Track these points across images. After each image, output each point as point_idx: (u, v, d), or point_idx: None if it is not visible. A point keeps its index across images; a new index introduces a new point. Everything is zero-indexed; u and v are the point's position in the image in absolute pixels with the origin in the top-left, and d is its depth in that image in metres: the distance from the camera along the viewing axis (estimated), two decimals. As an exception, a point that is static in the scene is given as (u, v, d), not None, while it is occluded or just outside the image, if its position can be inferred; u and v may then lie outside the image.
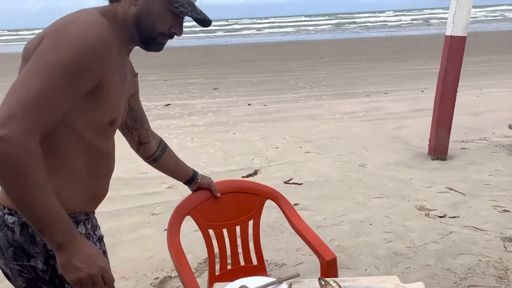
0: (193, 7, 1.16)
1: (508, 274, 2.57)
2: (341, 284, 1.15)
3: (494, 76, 9.77)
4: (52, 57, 0.96)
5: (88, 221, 1.25)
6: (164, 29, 1.17)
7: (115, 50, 1.08)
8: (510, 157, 4.62)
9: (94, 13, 1.08)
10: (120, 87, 1.16)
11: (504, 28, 26.40)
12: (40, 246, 1.09)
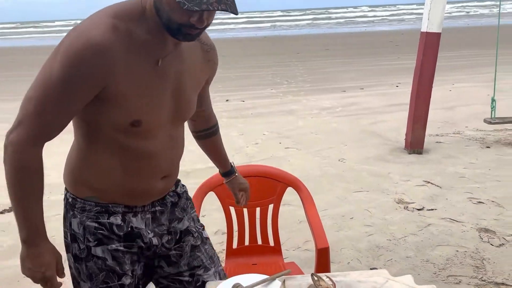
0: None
1: (484, 263, 2.66)
2: (333, 279, 1.17)
3: (466, 70, 10.03)
4: (50, 69, 1.02)
5: (132, 213, 1.27)
6: (183, 20, 1.03)
7: (118, 56, 1.04)
8: (483, 150, 4.76)
9: (100, 17, 1.06)
10: (139, 88, 1.11)
11: (474, 24, 27.11)
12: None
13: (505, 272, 2.55)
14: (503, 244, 2.86)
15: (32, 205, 1.12)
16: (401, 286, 1.21)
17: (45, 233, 1.16)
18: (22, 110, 1.05)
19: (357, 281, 1.23)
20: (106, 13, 1.07)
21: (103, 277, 1.26)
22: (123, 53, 1.05)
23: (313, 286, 1.15)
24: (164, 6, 1.04)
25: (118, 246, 1.26)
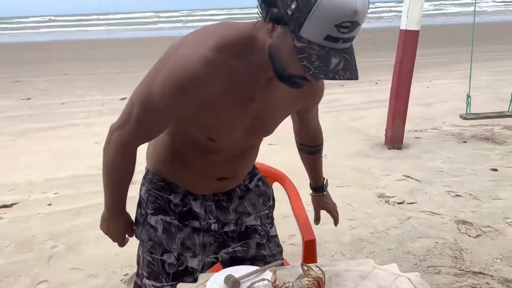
0: (325, 62, 0.93)
1: (462, 254, 2.75)
2: (322, 268, 1.21)
3: (443, 68, 10.25)
4: (151, 87, 1.09)
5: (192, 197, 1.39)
6: (297, 73, 1.01)
7: (214, 89, 1.08)
8: (460, 145, 4.90)
9: (204, 47, 1.05)
10: (224, 116, 1.17)
11: (450, 22, 27.66)
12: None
13: (482, 261, 2.65)
14: (480, 235, 2.97)
15: (120, 188, 1.35)
16: (386, 274, 1.26)
17: (124, 207, 1.42)
18: (126, 114, 1.17)
19: (345, 270, 1.27)
20: (209, 46, 1.06)
21: (149, 246, 1.41)
22: (219, 88, 1.09)
23: (303, 275, 1.19)
24: (283, 57, 1.01)
25: (171, 220, 1.38)
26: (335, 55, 0.94)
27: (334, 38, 0.92)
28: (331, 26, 0.90)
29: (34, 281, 2.60)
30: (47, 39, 24.04)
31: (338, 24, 0.90)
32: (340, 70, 0.95)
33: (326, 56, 0.93)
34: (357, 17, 0.90)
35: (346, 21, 0.90)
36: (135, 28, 31.70)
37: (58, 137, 5.70)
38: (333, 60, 0.94)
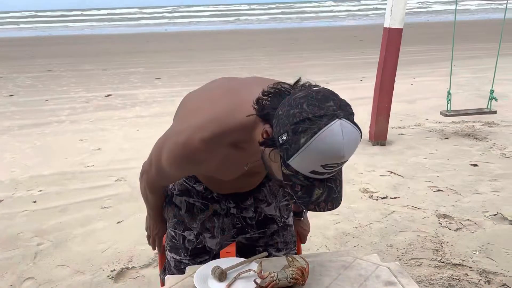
0: (308, 193, 0.97)
1: (443, 246, 2.83)
2: (306, 259, 1.25)
3: (426, 65, 10.40)
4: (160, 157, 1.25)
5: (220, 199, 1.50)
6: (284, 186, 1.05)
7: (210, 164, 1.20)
8: (442, 141, 5.00)
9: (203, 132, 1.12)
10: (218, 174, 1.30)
11: (433, 19, 28.01)
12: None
13: (462, 253, 2.73)
14: (460, 228, 3.05)
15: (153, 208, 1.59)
16: (367, 264, 1.31)
17: (159, 215, 1.62)
18: (149, 161, 1.35)
19: (328, 261, 1.31)
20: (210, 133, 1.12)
21: (174, 222, 1.53)
22: (214, 165, 1.21)
23: (287, 266, 1.23)
24: (272, 171, 1.07)
25: (194, 201, 1.49)
26: (319, 186, 0.98)
27: (320, 173, 0.96)
28: (318, 165, 0.94)
29: (20, 278, 2.59)
30: (29, 34, 23.65)
31: (324, 165, 0.94)
32: (321, 202, 0.98)
33: (310, 187, 0.97)
34: (343, 159, 0.94)
35: (333, 163, 0.94)
36: (119, 24, 31.38)
37: (42, 134, 5.66)
38: (316, 191, 0.98)
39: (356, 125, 0.98)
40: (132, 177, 4.13)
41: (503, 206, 3.34)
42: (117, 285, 2.51)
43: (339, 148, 0.92)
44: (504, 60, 9.38)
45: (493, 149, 4.66)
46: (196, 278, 1.26)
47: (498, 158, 4.38)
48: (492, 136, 5.08)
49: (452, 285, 2.43)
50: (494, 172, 4.04)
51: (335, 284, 1.23)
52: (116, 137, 5.47)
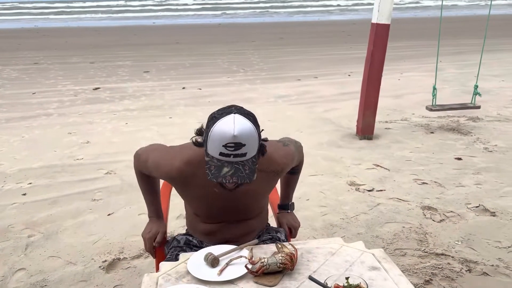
0: (218, 170, 1.31)
1: (427, 237, 2.92)
2: (294, 246, 1.31)
3: (413, 60, 10.52)
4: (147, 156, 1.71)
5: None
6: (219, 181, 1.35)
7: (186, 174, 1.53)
8: (427, 135, 5.10)
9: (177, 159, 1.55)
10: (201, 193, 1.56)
11: (420, 15, 28.23)
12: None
13: (445, 244, 2.82)
14: (443, 219, 3.14)
15: (146, 196, 1.81)
16: (353, 250, 1.37)
17: (155, 213, 1.80)
18: (137, 155, 1.78)
19: (316, 247, 1.37)
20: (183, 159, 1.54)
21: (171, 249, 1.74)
22: (190, 183, 1.54)
23: (277, 252, 1.29)
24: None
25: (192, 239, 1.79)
26: (228, 166, 1.32)
27: (226, 154, 1.31)
28: (220, 145, 1.30)
29: (11, 269, 2.62)
30: (14, 26, 23.29)
31: (224, 144, 1.30)
32: (228, 176, 1.31)
33: (220, 167, 1.32)
34: (237, 139, 1.29)
35: (230, 143, 1.29)
36: (106, 16, 31.06)
37: (30, 127, 5.63)
38: (224, 169, 1.31)
39: (251, 120, 1.34)
40: (121, 170, 4.15)
41: (485, 199, 3.44)
42: (108, 275, 2.55)
43: (230, 129, 1.29)
44: (489, 56, 9.55)
45: (477, 143, 4.77)
46: (189, 264, 1.31)
47: (482, 152, 4.49)
48: (476, 131, 5.20)
49: (435, 273, 2.52)
50: (477, 165, 4.14)
51: (322, 269, 1.29)
52: (105, 131, 5.47)
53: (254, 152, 1.34)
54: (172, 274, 1.28)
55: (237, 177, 1.30)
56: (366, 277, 1.25)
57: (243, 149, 1.30)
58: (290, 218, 1.89)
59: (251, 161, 1.33)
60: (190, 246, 1.71)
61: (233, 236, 1.61)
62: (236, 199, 1.55)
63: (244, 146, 1.30)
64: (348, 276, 1.18)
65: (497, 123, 5.51)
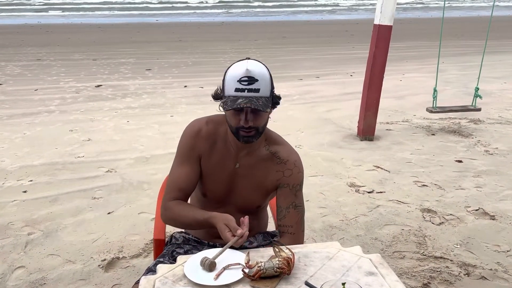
0: (234, 102, 1.40)
1: (426, 240, 2.92)
2: (292, 250, 1.31)
3: (415, 61, 10.51)
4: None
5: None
6: (236, 124, 1.48)
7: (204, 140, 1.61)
8: (428, 137, 5.10)
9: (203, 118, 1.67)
10: (214, 170, 1.61)
11: (423, 16, 28.17)
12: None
13: (443, 247, 2.82)
14: (443, 222, 3.14)
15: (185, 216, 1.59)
16: (350, 255, 1.37)
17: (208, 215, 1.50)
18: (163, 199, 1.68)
19: (313, 252, 1.38)
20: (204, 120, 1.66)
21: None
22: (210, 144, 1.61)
23: (274, 256, 1.29)
24: (226, 118, 1.53)
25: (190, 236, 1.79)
26: (242, 97, 1.41)
27: (240, 89, 1.41)
28: (235, 81, 1.42)
29: (11, 266, 2.63)
30: (17, 22, 23.32)
31: (238, 79, 1.41)
32: (242, 102, 1.40)
33: (235, 99, 1.42)
34: (250, 73, 1.40)
35: (243, 76, 1.41)
36: (110, 14, 31.06)
37: (32, 124, 5.64)
38: (239, 100, 1.41)
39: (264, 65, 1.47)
40: (122, 168, 4.16)
41: (484, 202, 3.44)
42: (107, 274, 2.56)
43: (243, 65, 1.41)
44: (491, 58, 9.53)
45: (478, 146, 4.77)
46: (186, 268, 1.31)
47: (482, 155, 4.49)
48: (477, 133, 5.19)
49: (433, 277, 2.52)
50: (477, 168, 4.14)
51: (319, 274, 1.29)
52: (106, 128, 5.48)
53: (267, 93, 1.44)
54: (169, 277, 1.28)
55: (252, 103, 1.39)
56: (363, 282, 1.25)
57: (256, 84, 1.40)
58: None
59: (264, 99, 1.43)
60: (188, 244, 1.72)
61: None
62: (241, 180, 1.61)
63: (257, 81, 1.41)
64: (344, 282, 1.19)
65: (498, 125, 5.50)
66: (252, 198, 1.64)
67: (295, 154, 1.64)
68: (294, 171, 1.60)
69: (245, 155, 1.60)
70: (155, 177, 3.90)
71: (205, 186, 1.65)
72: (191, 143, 1.61)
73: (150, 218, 3.18)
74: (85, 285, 2.46)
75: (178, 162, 1.64)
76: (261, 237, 1.75)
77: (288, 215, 1.58)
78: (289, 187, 1.59)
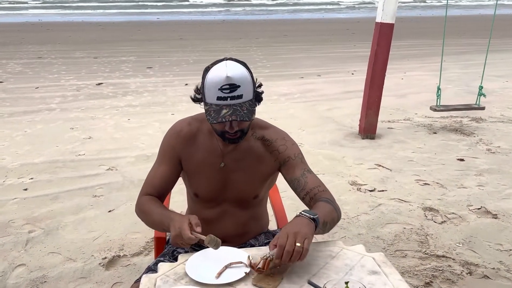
0: (217, 113, 1.36)
1: (428, 238, 2.90)
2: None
3: (417, 60, 10.48)
4: None
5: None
6: (220, 129, 1.45)
7: (185, 140, 1.58)
8: (430, 135, 5.08)
9: (187, 118, 1.64)
10: (201, 168, 1.58)
11: (425, 14, 28.11)
12: None
13: (446, 246, 2.81)
14: (445, 221, 3.13)
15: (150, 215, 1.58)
16: (353, 254, 1.36)
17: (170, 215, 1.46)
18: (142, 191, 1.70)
19: (316, 250, 1.37)
20: (188, 119, 1.63)
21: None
22: (189, 142, 1.59)
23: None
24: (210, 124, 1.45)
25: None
26: (226, 107, 1.37)
27: (222, 97, 1.36)
28: (216, 89, 1.36)
29: (11, 264, 2.62)
30: (18, 20, 23.31)
31: (219, 88, 1.36)
32: (227, 115, 1.35)
33: (219, 110, 1.37)
34: (231, 80, 1.35)
35: (224, 84, 1.35)
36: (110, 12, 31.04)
37: (33, 122, 5.63)
38: (223, 111, 1.36)
39: (243, 65, 1.41)
40: (123, 166, 4.15)
41: (487, 200, 3.43)
42: (108, 272, 2.55)
43: (222, 72, 1.35)
44: (493, 56, 9.50)
45: (480, 144, 4.75)
46: (188, 266, 1.30)
47: (484, 154, 4.47)
48: (479, 132, 5.17)
49: (435, 276, 2.51)
50: (479, 167, 4.13)
51: (322, 273, 1.28)
52: (107, 126, 5.47)
53: (250, 96, 1.40)
54: (171, 275, 1.27)
55: (236, 115, 1.35)
56: (366, 281, 1.24)
57: (238, 90, 1.36)
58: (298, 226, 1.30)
59: (248, 104, 1.39)
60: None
61: (229, 232, 1.60)
62: (232, 175, 1.57)
63: (239, 87, 1.36)
64: (347, 281, 1.18)
65: (500, 124, 5.48)
66: (247, 189, 1.62)
67: (282, 132, 1.64)
68: (287, 144, 1.60)
69: (233, 149, 1.57)
70: (156, 175, 3.88)
71: (195, 185, 1.64)
72: (171, 143, 1.60)
73: (151, 216, 3.17)
74: (86, 283, 2.45)
75: (158, 160, 1.64)
76: (263, 237, 1.74)
77: (308, 179, 1.55)
78: (291, 158, 1.58)
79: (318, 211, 1.36)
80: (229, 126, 1.42)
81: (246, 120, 1.37)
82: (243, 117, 1.36)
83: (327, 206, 1.44)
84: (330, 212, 1.44)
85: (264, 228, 1.80)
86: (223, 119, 1.34)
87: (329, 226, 1.41)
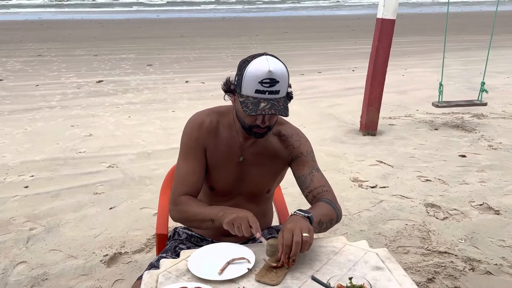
0: (256, 105, 1.35)
1: (430, 235, 2.89)
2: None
3: (418, 56, 10.46)
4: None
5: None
6: (251, 122, 1.44)
7: (207, 132, 1.56)
8: (431, 132, 5.07)
9: (205, 110, 1.62)
10: (220, 162, 1.57)
11: (426, 11, 28.04)
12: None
13: (448, 242, 2.80)
14: (447, 217, 3.12)
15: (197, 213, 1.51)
16: (356, 249, 1.35)
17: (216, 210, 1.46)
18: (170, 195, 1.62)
19: (318, 246, 1.35)
20: (208, 111, 1.61)
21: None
22: (214, 137, 1.57)
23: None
24: (239, 114, 1.47)
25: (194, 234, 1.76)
26: (264, 101, 1.37)
27: (261, 91, 1.36)
28: (256, 82, 1.36)
29: (13, 262, 2.61)
30: (18, 18, 23.27)
31: (260, 81, 1.35)
32: (266, 108, 1.35)
33: (257, 103, 1.37)
34: (272, 75, 1.35)
35: (265, 78, 1.35)
36: (111, 10, 30.97)
37: (33, 119, 5.62)
38: (261, 105, 1.36)
39: (282, 62, 1.41)
40: (124, 163, 4.14)
41: (489, 196, 3.42)
42: (109, 269, 2.54)
43: (264, 66, 1.35)
44: (494, 53, 9.47)
45: (481, 140, 4.73)
46: (190, 262, 1.29)
47: (486, 150, 4.46)
48: (480, 128, 5.16)
49: (437, 272, 2.50)
50: (481, 163, 4.11)
51: (325, 269, 1.27)
52: (108, 124, 5.45)
53: (285, 93, 1.41)
54: (173, 272, 1.26)
55: (275, 109, 1.35)
56: (370, 277, 1.23)
57: (277, 86, 1.36)
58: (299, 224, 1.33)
59: (283, 100, 1.39)
60: (190, 241, 1.70)
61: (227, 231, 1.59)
62: (250, 168, 1.59)
63: (278, 83, 1.36)
64: (351, 277, 1.17)
65: (501, 120, 5.47)
66: (262, 183, 1.64)
67: (297, 129, 1.67)
68: (302, 140, 1.62)
69: (252, 143, 1.58)
70: (157, 172, 3.88)
71: (213, 179, 1.62)
72: (195, 136, 1.56)
73: (152, 213, 3.16)
74: (87, 281, 2.45)
75: (183, 157, 1.58)
76: (266, 232, 1.73)
77: (314, 178, 1.58)
78: (303, 154, 1.60)
79: (314, 211, 1.42)
80: (261, 120, 1.42)
81: (284, 115, 1.38)
82: (281, 112, 1.36)
83: (325, 207, 1.49)
84: (328, 212, 1.48)
85: (268, 223, 1.80)
86: (263, 111, 1.34)
87: (326, 226, 1.45)
